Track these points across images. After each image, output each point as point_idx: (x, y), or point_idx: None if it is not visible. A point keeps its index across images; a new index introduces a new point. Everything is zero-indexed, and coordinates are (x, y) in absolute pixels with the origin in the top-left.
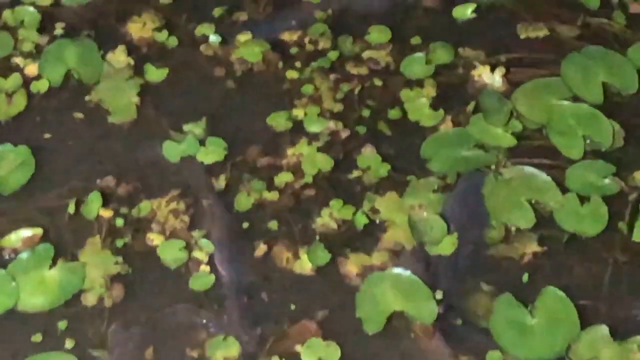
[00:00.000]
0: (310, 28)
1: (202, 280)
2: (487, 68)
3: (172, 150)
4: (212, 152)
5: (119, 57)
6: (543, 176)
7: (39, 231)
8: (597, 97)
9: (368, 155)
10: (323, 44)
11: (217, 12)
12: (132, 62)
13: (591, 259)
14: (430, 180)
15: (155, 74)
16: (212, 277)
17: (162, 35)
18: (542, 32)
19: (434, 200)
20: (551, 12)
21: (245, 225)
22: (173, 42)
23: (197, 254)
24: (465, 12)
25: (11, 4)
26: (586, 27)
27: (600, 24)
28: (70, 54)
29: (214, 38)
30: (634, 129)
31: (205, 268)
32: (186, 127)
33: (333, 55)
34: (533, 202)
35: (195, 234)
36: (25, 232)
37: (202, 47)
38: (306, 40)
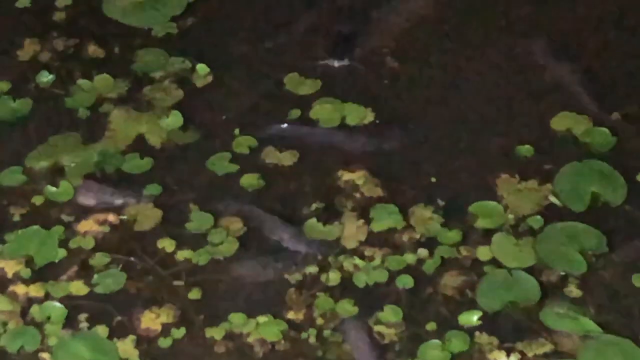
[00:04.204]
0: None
1: None
2: (503, 353)
3: None
4: None
5: (127, 346)
6: None
7: None
8: None
9: None
10: None
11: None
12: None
13: None
14: None
15: None
16: None
17: (179, 333)
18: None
19: None
20: None
21: None
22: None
23: None
24: (471, 318)
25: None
26: None
27: None
28: (82, 349)
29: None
30: None
31: None
32: None
33: None
34: None
35: None
36: None
37: (216, 347)
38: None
